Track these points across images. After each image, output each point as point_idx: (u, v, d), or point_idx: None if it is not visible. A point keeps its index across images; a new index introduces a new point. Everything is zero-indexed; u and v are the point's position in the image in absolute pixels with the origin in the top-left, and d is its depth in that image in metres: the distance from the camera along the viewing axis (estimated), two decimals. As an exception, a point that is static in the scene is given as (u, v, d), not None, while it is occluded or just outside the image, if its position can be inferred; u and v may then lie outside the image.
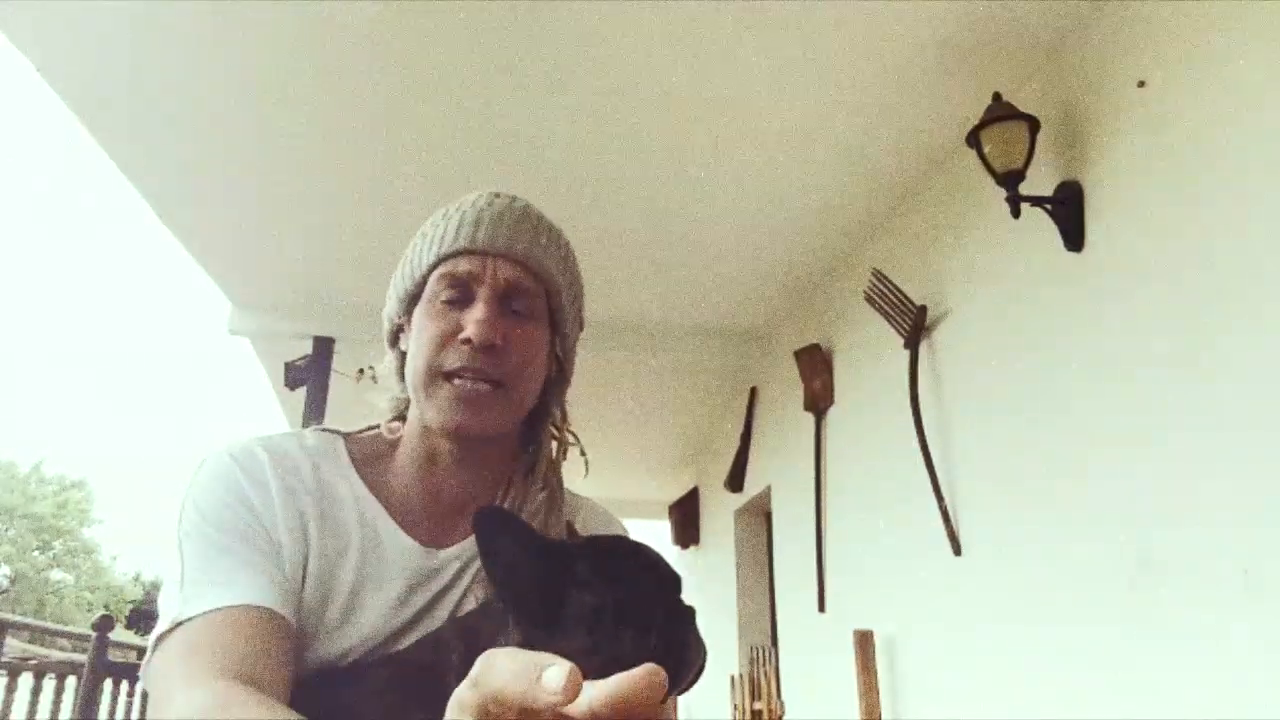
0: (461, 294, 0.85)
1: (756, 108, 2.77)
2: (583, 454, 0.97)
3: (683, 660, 0.72)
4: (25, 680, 3.68)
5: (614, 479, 7.16)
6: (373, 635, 0.79)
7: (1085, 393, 2.25)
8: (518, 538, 0.72)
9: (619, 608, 0.69)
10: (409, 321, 0.88)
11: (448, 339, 0.83)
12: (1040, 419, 2.42)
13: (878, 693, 3.09)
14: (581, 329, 0.98)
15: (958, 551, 2.74)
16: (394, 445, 0.91)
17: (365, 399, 0.96)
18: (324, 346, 4.07)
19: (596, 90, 2.70)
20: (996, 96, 2.42)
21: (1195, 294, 1.92)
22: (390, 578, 0.82)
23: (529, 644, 0.70)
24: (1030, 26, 2.39)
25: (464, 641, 0.74)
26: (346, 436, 0.92)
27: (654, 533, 7.90)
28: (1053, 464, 2.35)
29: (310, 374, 4.01)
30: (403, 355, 0.90)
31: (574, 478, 0.96)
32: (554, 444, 0.95)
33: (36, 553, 28.67)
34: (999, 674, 2.52)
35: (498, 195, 0.90)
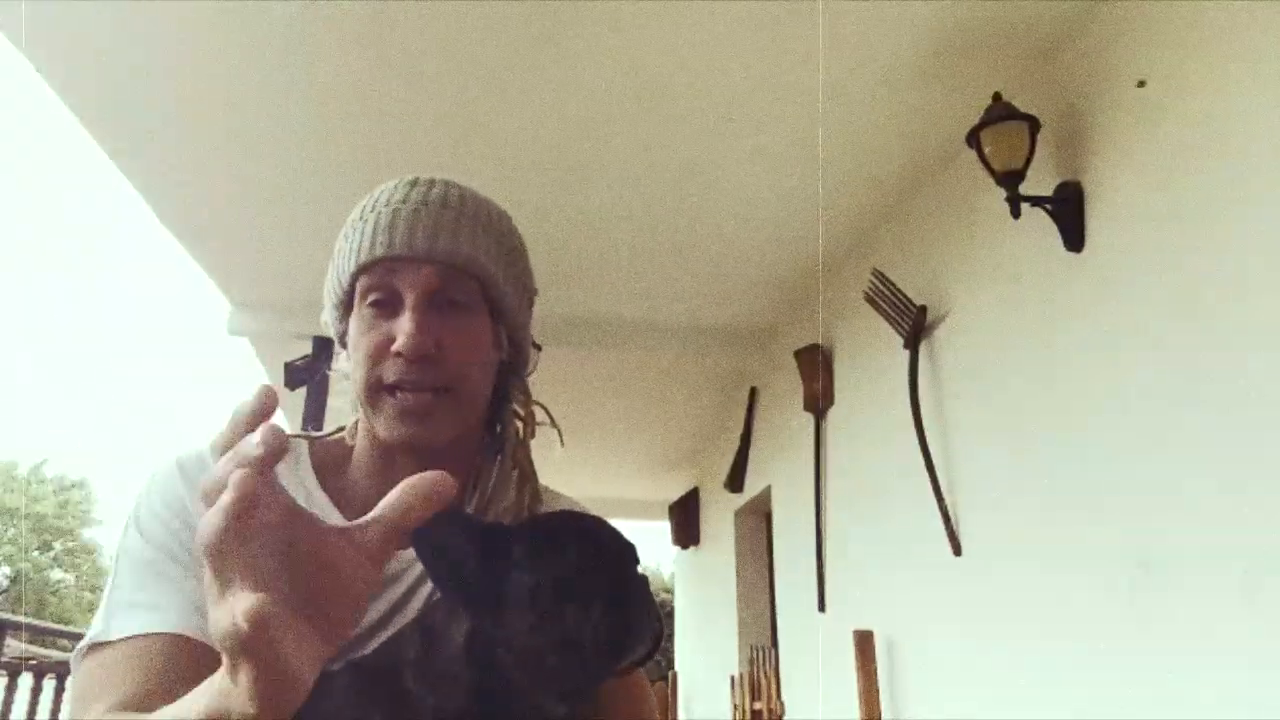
0: (388, 297, 0.81)
1: (756, 107, 2.77)
2: (554, 424, 0.93)
3: (631, 631, 0.71)
4: (25, 680, 3.68)
5: (614, 479, 7.16)
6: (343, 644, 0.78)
7: (1085, 393, 2.25)
8: (452, 524, 0.71)
9: (560, 584, 0.69)
10: (348, 326, 0.86)
11: (381, 351, 0.80)
12: (1040, 419, 2.42)
13: (878, 693, 3.09)
14: (533, 302, 0.93)
15: (958, 551, 2.74)
16: (353, 447, 0.88)
17: (333, 405, 0.94)
18: (324, 346, 4.06)
19: (596, 91, 2.70)
20: (996, 96, 2.42)
21: (1195, 293, 1.92)
22: None
23: (478, 629, 0.70)
24: (1030, 26, 2.39)
25: (421, 638, 0.74)
26: (312, 440, 0.89)
27: (654, 533, 7.89)
28: (1053, 464, 2.35)
29: (310, 374, 4.01)
30: None
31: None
32: (520, 424, 0.92)
33: (37, 553, 28.67)
34: (999, 674, 2.52)
35: (414, 184, 0.84)
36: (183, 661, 0.71)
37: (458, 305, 0.82)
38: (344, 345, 0.90)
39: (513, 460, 0.89)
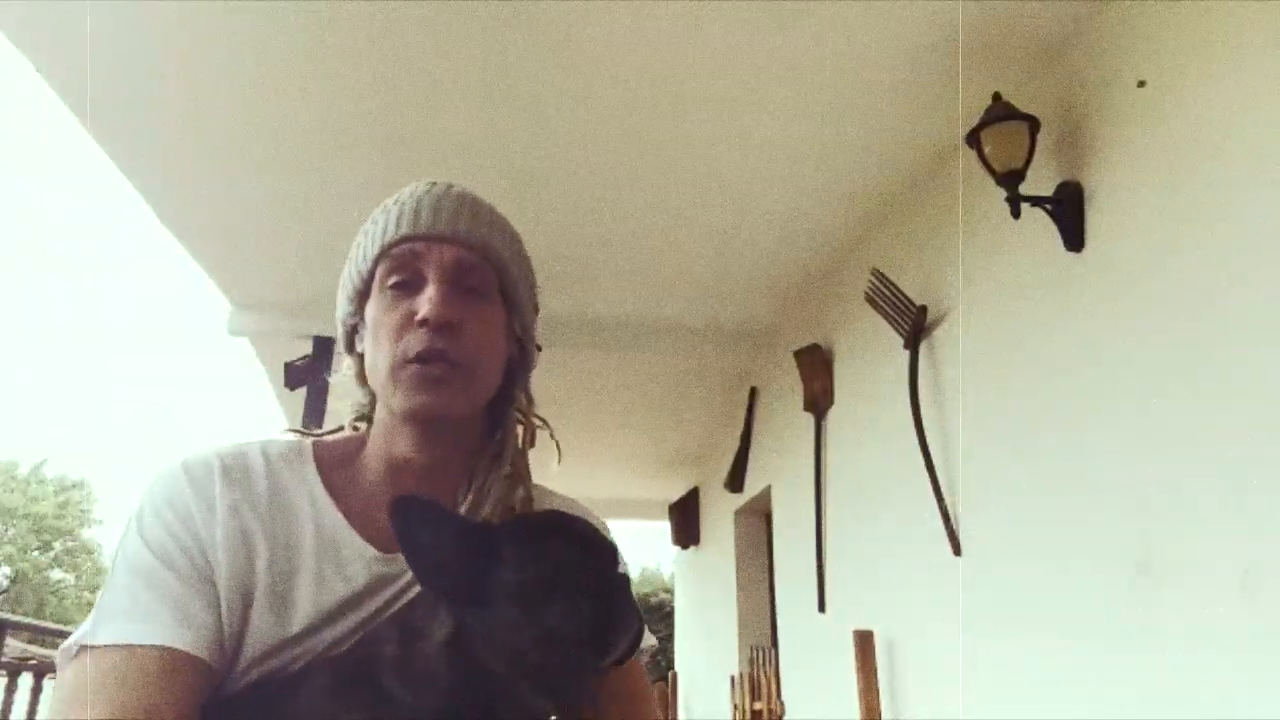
0: (411, 279, 0.84)
1: (757, 108, 2.77)
2: (553, 437, 0.96)
3: (613, 627, 0.72)
4: (25, 680, 3.68)
5: (614, 479, 7.16)
6: (332, 640, 0.79)
7: (1085, 393, 2.25)
8: (438, 522, 0.72)
9: (545, 581, 0.70)
10: (362, 320, 0.88)
11: (404, 325, 0.83)
12: (1040, 419, 2.42)
13: (878, 693, 3.09)
14: (537, 312, 0.97)
15: (958, 551, 2.74)
16: (362, 445, 0.90)
17: (331, 407, 0.96)
18: (324, 346, 4.06)
19: (597, 91, 2.70)
20: (996, 96, 2.42)
21: (1195, 293, 1.92)
22: (350, 585, 0.81)
23: (461, 626, 0.70)
24: (1030, 26, 2.39)
25: (399, 634, 0.74)
26: (317, 439, 0.91)
27: (654, 533, 7.89)
28: (1053, 464, 2.35)
29: (310, 374, 4.01)
30: (361, 358, 0.89)
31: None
32: (520, 429, 0.94)
33: (37, 553, 28.67)
34: (999, 674, 2.52)
35: (434, 183, 0.90)
36: (169, 675, 0.71)
37: (475, 291, 0.86)
38: (350, 345, 0.92)
39: (510, 464, 0.90)
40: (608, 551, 0.76)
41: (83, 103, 2.78)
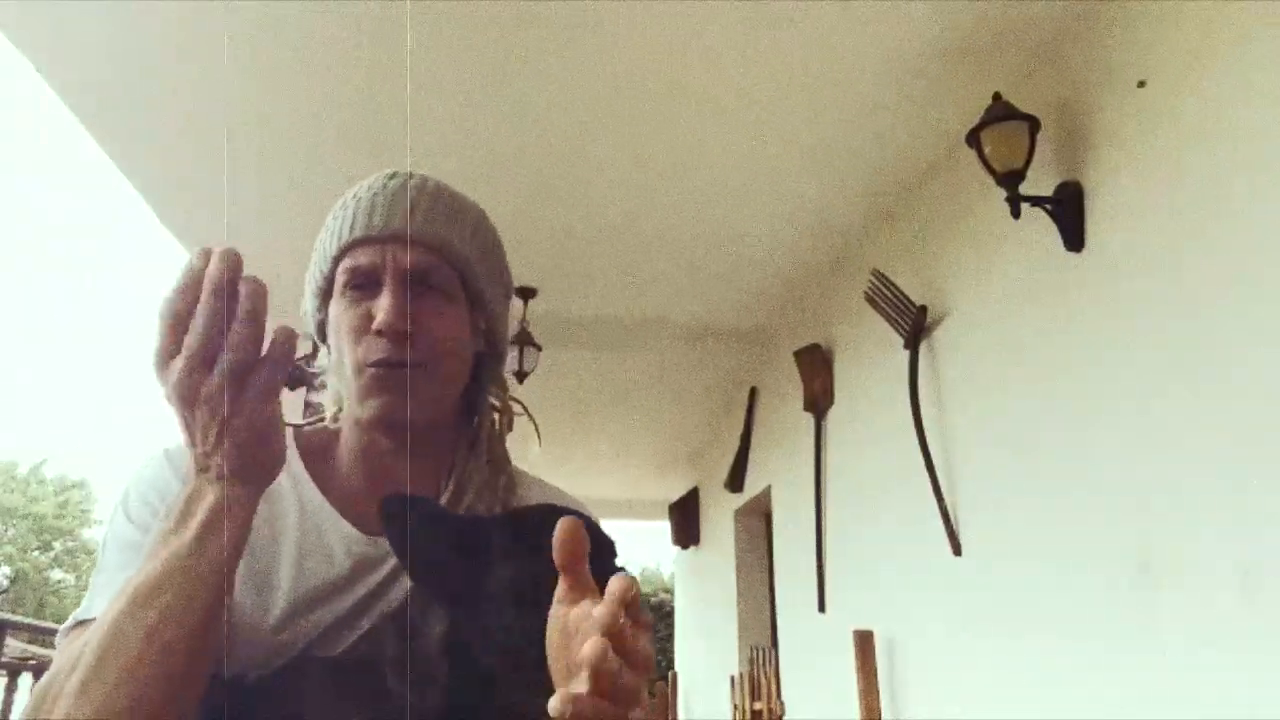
0: (368, 281, 0.83)
1: (757, 108, 2.77)
2: (531, 419, 0.96)
3: None
4: (25, 680, 3.69)
5: (614, 479, 7.16)
6: (317, 626, 0.79)
7: (1085, 393, 2.25)
8: (431, 521, 0.71)
9: (540, 576, 0.69)
10: (328, 316, 0.88)
11: (361, 331, 0.82)
12: (1040, 419, 2.42)
13: (878, 693, 3.09)
14: (509, 297, 0.95)
15: (958, 551, 2.74)
16: (338, 435, 0.90)
17: (310, 399, 0.96)
18: (324, 346, 4.06)
19: (598, 91, 2.70)
20: (996, 96, 2.42)
21: (1195, 294, 1.92)
22: (333, 568, 0.81)
23: (456, 624, 0.70)
24: (1030, 26, 2.39)
25: (398, 633, 0.74)
26: (298, 429, 0.91)
27: (654, 533, 7.88)
28: (1052, 464, 2.35)
29: (310, 373, 4.00)
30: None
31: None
32: (496, 416, 0.94)
33: (37, 553, 28.69)
34: (999, 674, 2.52)
35: (393, 176, 0.88)
36: None
37: (435, 290, 0.84)
38: (322, 338, 0.92)
39: (488, 451, 0.90)
40: (604, 545, 0.76)
41: (83, 103, 2.78)
